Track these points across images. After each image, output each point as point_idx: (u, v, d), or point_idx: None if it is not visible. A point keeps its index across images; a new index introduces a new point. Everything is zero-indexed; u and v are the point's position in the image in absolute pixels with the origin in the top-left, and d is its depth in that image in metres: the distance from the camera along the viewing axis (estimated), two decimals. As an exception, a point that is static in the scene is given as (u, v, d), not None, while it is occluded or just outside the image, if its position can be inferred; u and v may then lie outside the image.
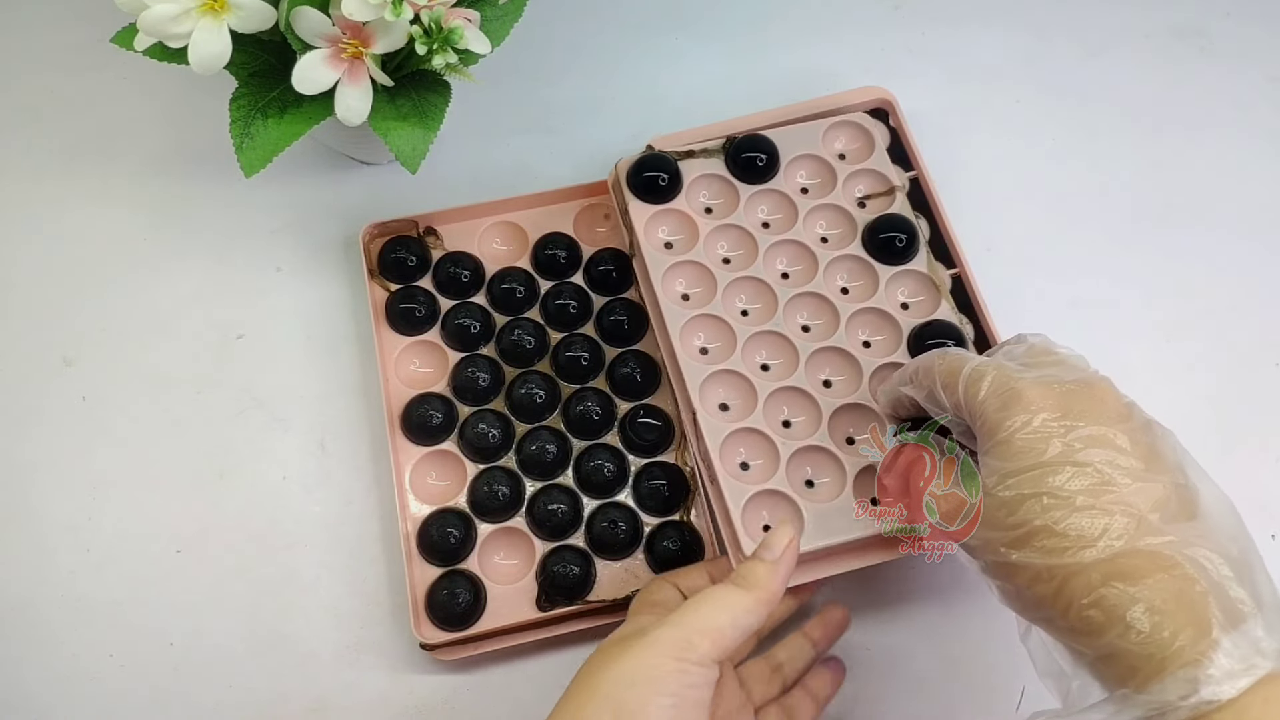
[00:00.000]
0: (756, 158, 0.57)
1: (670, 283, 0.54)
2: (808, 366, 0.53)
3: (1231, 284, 0.61)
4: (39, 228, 0.61)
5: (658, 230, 0.56)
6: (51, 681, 0.51)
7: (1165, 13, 0.69)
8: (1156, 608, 0.34)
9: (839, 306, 0.54)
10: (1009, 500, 0.37)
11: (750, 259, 0.55)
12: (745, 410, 0.51)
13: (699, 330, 0.53)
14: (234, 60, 0.48)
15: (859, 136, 0.59)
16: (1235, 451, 0.56)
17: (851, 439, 0.51)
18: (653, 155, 0.56)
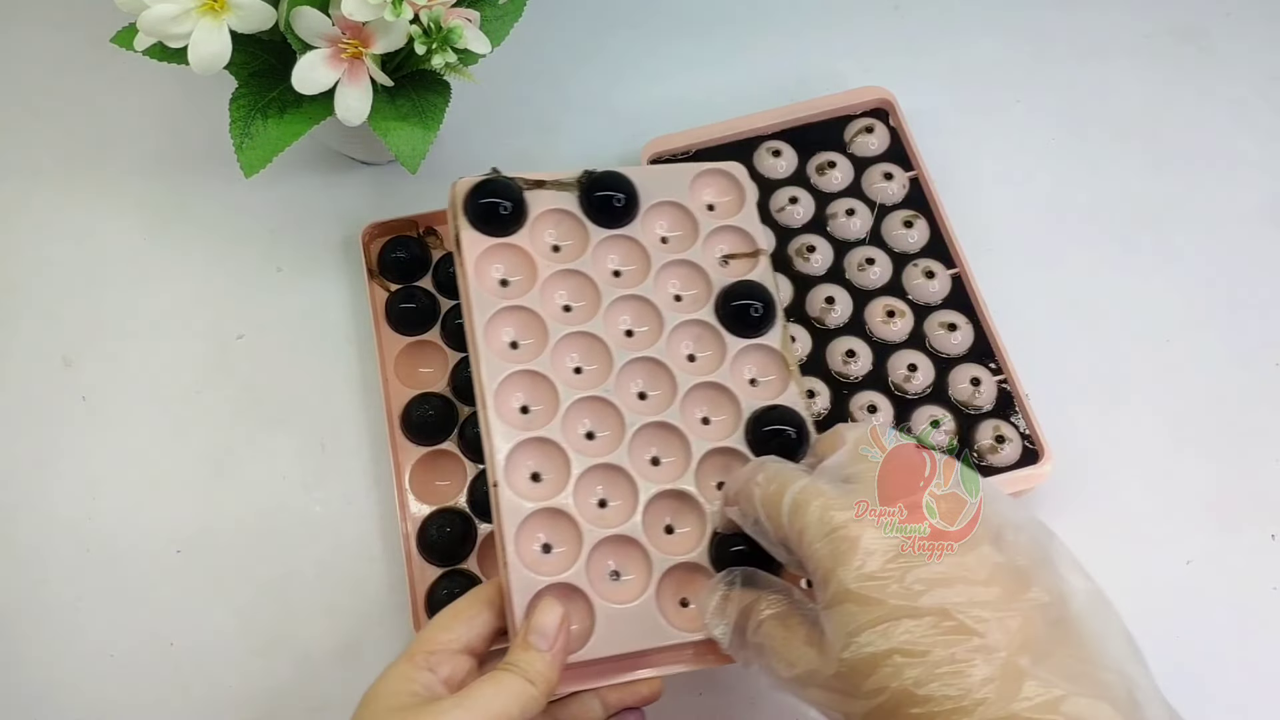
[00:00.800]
0: (613, 197, 0.50)
1: (497, 329, 0.48)
2: (635, 441, 0.47)
3: (1231, 284, 0.61)
4: (39, 228, 0.61)
5: (492, 266, 0.49)
6: (52, 681, 0.51)
7: (1165, 12, 0.69)
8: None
9: (679, 377, 0.48)
10: (859, 663, 0.33)
11: (592, 311, 0.49)
12: (557, 485, 0.46)
13: (520, 387, 0.47)
14: (234, 60, 0.48)
15: (730, 189, 0.53)
16: (1235, 451, 0.56)
17: (671, 528, 0.46)
18: (496, 179, 0.49)
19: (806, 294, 0.57)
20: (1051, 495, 0.54)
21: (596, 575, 0.45)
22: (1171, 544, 0.54)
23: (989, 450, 0.53)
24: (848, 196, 0.60)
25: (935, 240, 0.58)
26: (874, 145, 0.61)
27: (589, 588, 0.44)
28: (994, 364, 0.55)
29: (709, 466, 0.47)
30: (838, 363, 0.55)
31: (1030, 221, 0.62)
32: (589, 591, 0.44)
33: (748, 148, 0.61)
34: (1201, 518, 0.54)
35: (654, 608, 0.44)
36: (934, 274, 0.57)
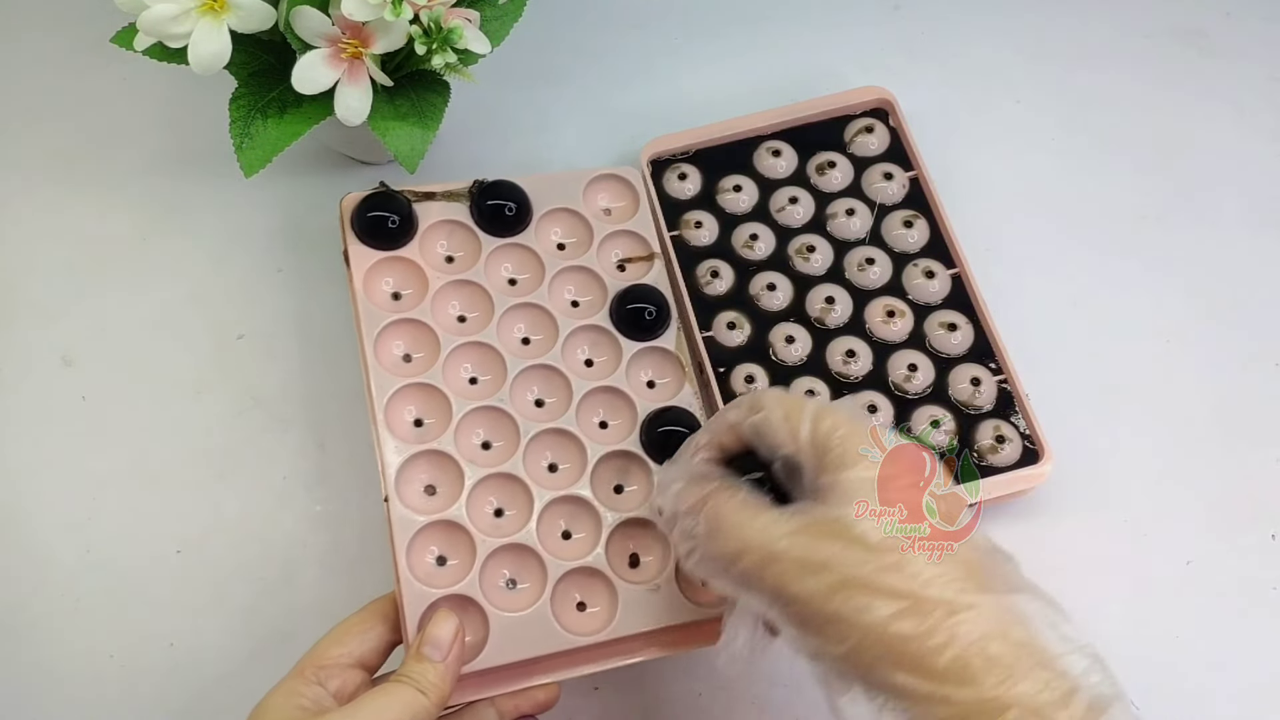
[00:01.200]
0: (504, 206, 0.51)
1: (387, 342, 0.49)
2: (530, 449, 0.48)
3: (1232, 284, 0.61)
4: (39, 227, 0.61)
5: (382, 280, 0.50)
6: (51, 682, 0.51)
7: (1165, 12, 0.69)
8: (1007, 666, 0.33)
9: (575, 383, 0.49)
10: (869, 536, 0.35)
11: (486, 321, 0.50)
12: (451, 497, 0.46)
13: (412, 400, 0.48)
14: (234, 60, 0.48)
15: (625, 193, 0.54)
16: (1235, 451, 0.56)
17: (568, 534, 0.47)
18: (383, 193, 0.50)
19: (806, 294, 0.57)
20: (1051, 495, 0.54)
21: (491, 585, 0.45)
22: (1172, 544, 0.54)
23: (989, 450, 0.53)
24: (848, 196, 0.60)
25: (935, 240, 0.58)
26: (874, 145, 0.61)
27: (483, 598, 0.45)
28: (994, 364, 0.55)
29: (605, 470, 0.48)
30: (838, 363, 0.55)
31: (1030, 221, 0.62)
32: (483, 602, 0.44)
33: (748, 148, 0.61)
34: (1202, 518, 0.54)
35: (549, 614, 0.45)
36: (934, 274, 0.57)
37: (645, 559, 0.48)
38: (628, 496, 0.49)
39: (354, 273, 0.49)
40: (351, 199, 0.50)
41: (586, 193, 0.53)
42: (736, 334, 0.56)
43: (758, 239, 0.58)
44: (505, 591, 0.46)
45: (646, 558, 0.48)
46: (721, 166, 0.60)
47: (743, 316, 0.56)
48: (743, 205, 0.59)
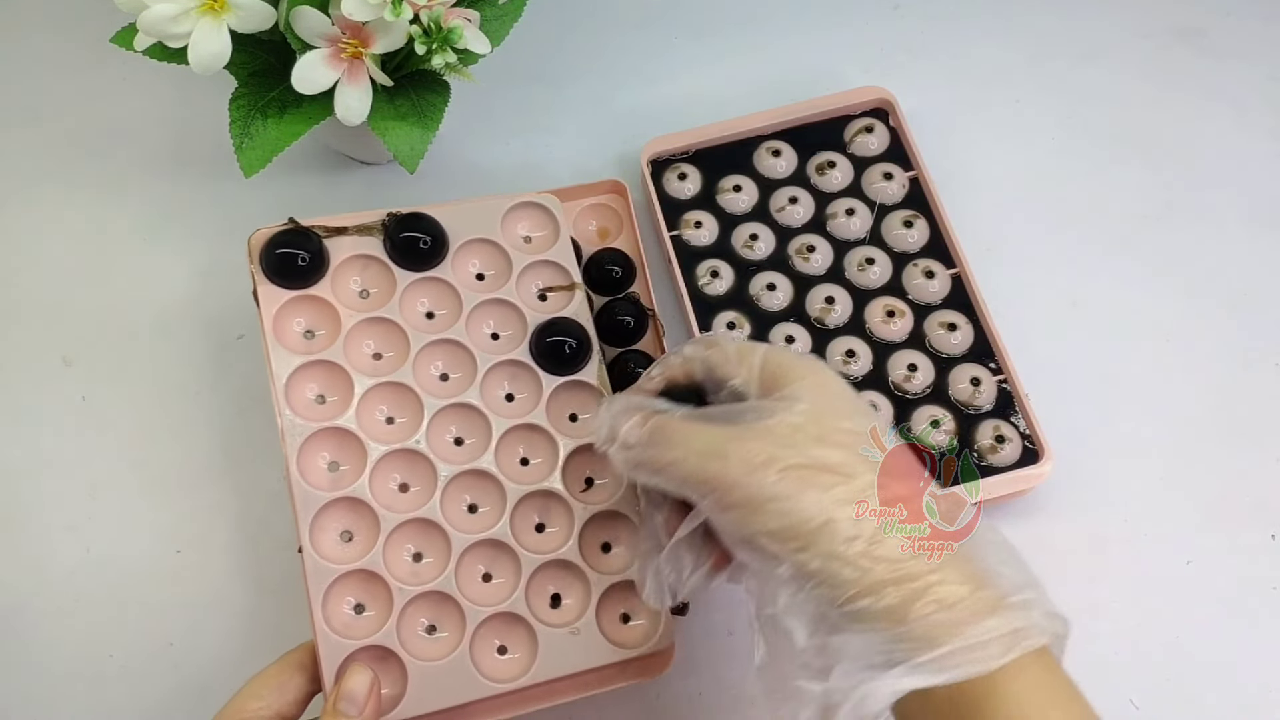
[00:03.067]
0: (419, 239, 0.49)
1: (300, 385, 0.47)
2: (448, 491, 0.46)
3: (1232, 284, 0.61)
4: (39, 227, 0.61)
5: (293, 320, 0.48)
6: (51, 681, 0.51)
7: (1165, 12, 0.69)
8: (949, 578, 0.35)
9: (494, 421, 0.48)
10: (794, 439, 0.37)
11: (402, 360, 0.48)
12: (367, 545, 0.45)
13: (326, 445, 0.47)
14: (233, 60, 0.48)
15: (545, 222, 0.52)
16: (1235, 451, 0.56)
17: (488, 576, 0.46)
18: (292, 230, 0.48)
19: (806, 294, 0.57)
20: (1051, 495, 0.54)
21: (409, 633, 0.45)
22: (1171, 544, 0.54)
23: (989, 450, 0.53)
24: (847, 196, 0.60)
25: (935, 240, 0.58)
26: (874, 145, 0.61)
27: (401, 648, 0.44)
28: (994, 364, 0.55)
29: (526, 509, 0.47)
30: (837, 363, 0.55)
31: (1030, 221, 0.62)
32: (401, 652, 0.44)
33: (747, 147, 0.61)
34: (1201, 518, 0.54)
35: (468, 661, 0.44)
36: (934, 274, 0.57)
37: (566, 600, 0.47)
38: (549, 536, 0.48)
39: (263, 314, 0.47)
40: (260, 236, 0.48)
41: (505, 222, 0.51)
42: (736, 334, 0.56)
43: (758, 239, 0.58)
44: (424, 639, 0.45)
45: (568, 600, 0.47)
46: (721, 166, 0.60)
47: (743, 316, 0.56)
48: (743, 205, 0.59)
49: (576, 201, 0.60)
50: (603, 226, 0.60)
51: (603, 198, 0.60)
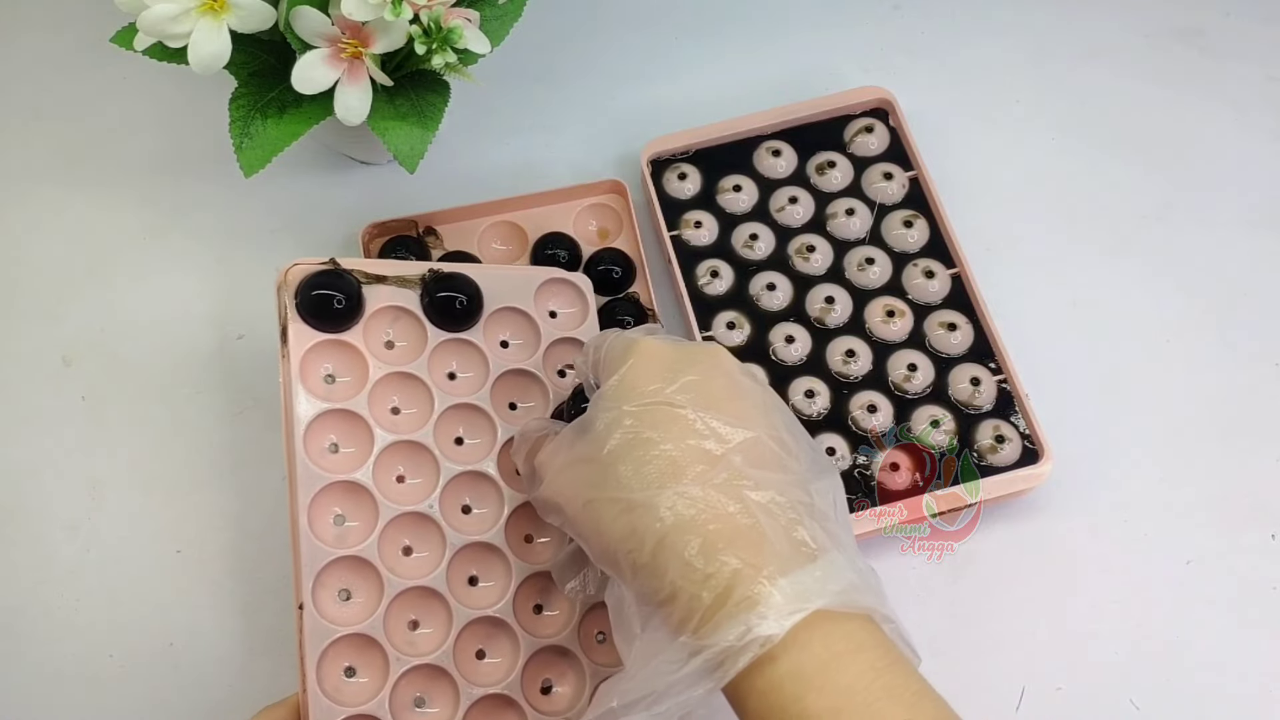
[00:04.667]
0: (456, 299, 0.48)
1: (319, 433, 0.45)
2: (455, 562, 0.45)
3: (1231, 284, 0.61)
4: (38, 227, 0.61)
5: (321, 364, 0.46)
6: (51, 681, 0.51)
7: (1165, 13, 0.69)
8: (716, 547, 0.34)
9: (506, 493, 0.46)
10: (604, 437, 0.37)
11: (423, 419, 0.47)
12: (368, 608, 0.44)
13: (337, 498, 0.45)
14: (233, 60, 0.48)
15: (575, 300, 0.51)
16: (1235, 451, 0.56)
17: (482, 653, 0.45)
18: (333, 271, 0.46)
19: (806, 294, 0.57)
20: (1051, 495, 0.54)
21: (401, 704, 0.43)
22: (1171, 544, 0.54)
23: (989, 450, 0.53)
24: (847, 196, 0.60)
25: (935, 240, 0.58)
26: (874, 145, 0.61)
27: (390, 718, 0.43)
28: (994, 364, 0.55)
29: (529, 589, 0.46)
30: (837, 362, 0.55)
31: (1030, 221, 0.62)
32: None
33: (747, 147, 0.61)
34: (1201, 518, 0.54)
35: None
36: (934, 274, 0.57)
37: (559, 689, 0.46)
38: (546, 620, 0.46)
39: (290, 353, 0.45)
40: (297, 271, 0.46)
41: (538, 295, 0.50)
42: (736, 334, 0.56)
43: (757, 239, 0.58)
44: (414, 712, 0.44)
45: (560, 688, 0.46)
46: (721, 166, 0.60)
47: (742, 316, 0.56)
48: (742, 205, 0.59)
49: (576, 201, 0.60)
50: (603, 226, 0.60)
51: (603, 198, 0.60)
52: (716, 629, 0.33)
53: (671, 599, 0.34)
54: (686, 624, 0.34)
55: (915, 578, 0.53)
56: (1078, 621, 0.52)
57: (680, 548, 0.34)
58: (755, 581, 0.33)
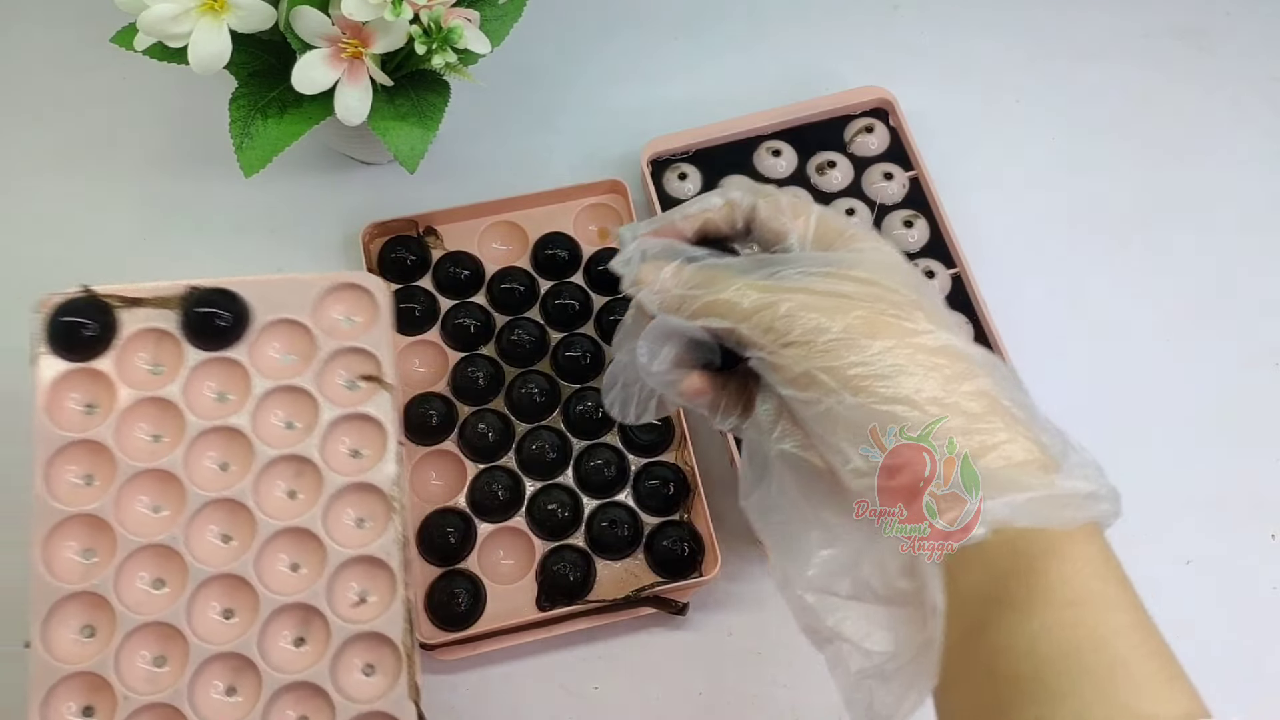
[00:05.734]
0: (217, 315, 0.45)
1: (61, 466, 0.43)
2: (197, 596, 0.43)
3: (1232, 283, 0.61)
4: (37, 226, 0.61)
5: (69, 395, 0.44)
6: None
7: (1165, 13, 0.69)
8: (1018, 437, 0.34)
9: (261, 522, 0.44)
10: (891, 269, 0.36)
11: (173, 446, 0.44)
12: (103, 642, 0.42)
13: (77, 533, 0.43)
14: (234, 60, 0.48)
15: (366, 306, 0.47)
16: (1236, 451, 0.56)
17: (234, 689, 0.43)
18: (81, 299, 0.45)
19: (806, 294, 0.57)
20: (1051, 495, 0.54)
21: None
22: (1172, 544, 0.54)
23: (989, 450, 0.52)
24: (848, 196, 0.60)
25: (935, 240, 0.58)
26: (874, 145, 0.61)
27: None
28: (994, 364, 0.55)
29: (280, 620, 0.44)
30: (838, 362, 0.55)
31: (1030, 221, 0.62)
32: None
33: (747, 147, 0.61)
34: (1202, 518, 0.54)
35: None
36: (934, 274, 0.57)
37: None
38: (304, 654, 0.44)
39: (39, 383, 0.44)
40: (50, 303, 0.44)
41: (322, 302, 0.47)
42: None
43: (758, 239, 0.58)
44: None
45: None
46: (722, 166, 0.60)
47: (743, 316, 0.56)
48: (743, 205, 0.59)
49: (576, 201, 0.60)
50: (603, 226, 0.60)
51: (603, 197, 0.60)
52: (1058, 475, 0.33)
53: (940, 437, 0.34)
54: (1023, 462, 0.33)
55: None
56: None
57: (997, 395, 0.34)
58: (1084, 456, 0.34)
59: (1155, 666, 0.32)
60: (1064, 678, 0.32)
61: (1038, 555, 0.33)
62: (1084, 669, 0.31)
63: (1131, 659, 0.31)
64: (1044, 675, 0.32)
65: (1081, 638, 0.32)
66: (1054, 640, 0.32)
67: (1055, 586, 0.33)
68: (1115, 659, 0.31)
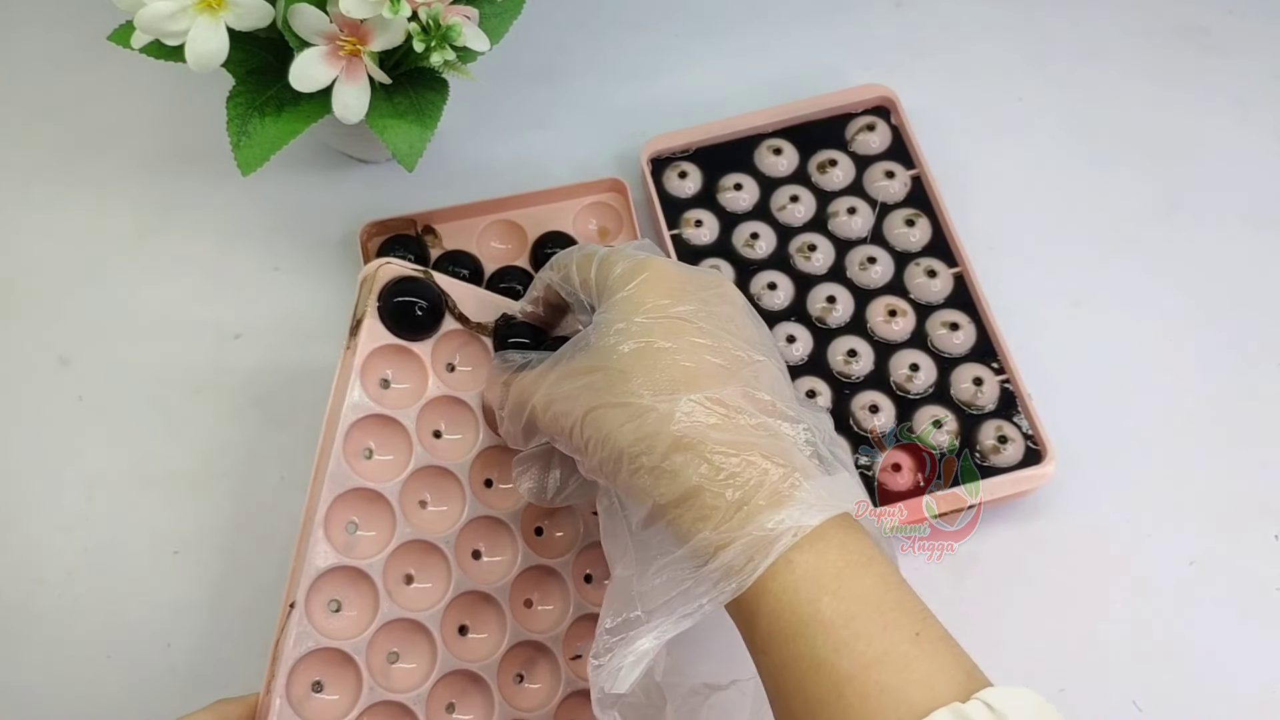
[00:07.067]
0: (521, 344, 0.47)
1: (360, 435, 0.44)
2: (451, 608, 0.44)
3: (1234, 282, 0.60)
4: (35, 226, 0.61)
5: (383, 367, 0.45)
6: (48, 683, 0.50)
7: (1168, 10, 0.68)
8: (739, 447, 0.34)
9: (521, 550, 0.46)
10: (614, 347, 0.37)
11: (463, 450, 0.46)
12: (359, 625, 0.42)
13: (357, 507, 0.44)
14: (231, 58, 0.48)
15: None
16: (1238, 451, 0.56)
17: (452, 706, 0.44)
18: (424, 282, 0.46)
19: (808, 293, 0.57)
20: (1054, 495, 0.54)
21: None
22: (1174, 544, 0.54)
23: (992, 450, 0.52)
24: (849, 195, 0.59)
25: (937, 239, 0.58)
26: (875, 143, 0.61)
27: None
28: (996, 364, 0.55)
29: (517, 653, 0.45)
30: (839, 362, 0.55)
31: (1033, 220, 0.62)
32: None
33: (748, 146, 0.61)
34: (1204, 518, 0.54)
35: None
36: (936, 273, 0.57)
37: None
38: (527, 692, 0.45)
39: (359, 348, 0.44)
40: (388, 271, 0.45)
41: None
42: None
43: (758, 238, 0.58)
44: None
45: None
46: (722, 165, 0.60)
47: (743, 316, 0.56)
48: (743, 204, 0.59)
49: (576, 200, 0.60)
50: (602, 225, 0.60)
51: (602, 196, 0.60)
52: (746, 522, 0.33)
53: (686, 499, 0.34)
54: (705, 522, 0.34)
55: (916, 578, 0.52)
56: (1080, 622, 0.52)
57: (701, 448, 0.34)
58: (786, 479, 0.34)
59: (880, 674, 0.31)
60: (805, 712, 0.32)
61: (753, 598, 0.33)
62: (816, 699, 0.32)
63: (855, 673, 0.31)
64: (795, 711, 0.33)
65: (804, 669, 0.32)
66: (790, 678, 0.33)
67: (772, 627, 0.33)
68: (839, 679, 0.31)
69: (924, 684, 0.31)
